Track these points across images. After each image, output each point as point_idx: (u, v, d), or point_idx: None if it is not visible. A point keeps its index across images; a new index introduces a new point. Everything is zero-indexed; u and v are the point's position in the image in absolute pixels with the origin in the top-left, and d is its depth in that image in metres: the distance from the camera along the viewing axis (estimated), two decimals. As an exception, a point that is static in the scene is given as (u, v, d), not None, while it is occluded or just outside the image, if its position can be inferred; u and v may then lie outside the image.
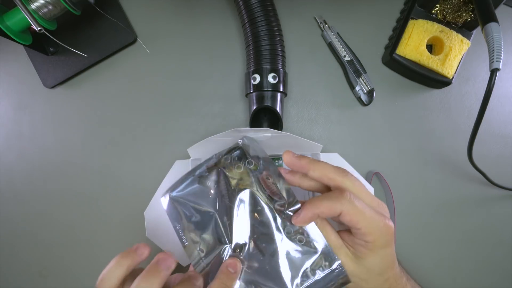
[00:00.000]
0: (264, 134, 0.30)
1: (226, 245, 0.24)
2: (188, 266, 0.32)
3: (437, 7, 0.39)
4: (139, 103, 0.40)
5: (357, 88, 0.39)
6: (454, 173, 0.39)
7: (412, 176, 0.39)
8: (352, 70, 0.39)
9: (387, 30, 0.41)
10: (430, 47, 0.40)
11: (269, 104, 0.35)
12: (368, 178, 0.38)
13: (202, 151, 0.33)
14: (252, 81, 0.35)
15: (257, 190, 0.24)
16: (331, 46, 0.40)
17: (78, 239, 0.38)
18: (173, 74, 0.40)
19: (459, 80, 0.40)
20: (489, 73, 0.30)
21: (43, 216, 0.39)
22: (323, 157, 0.34)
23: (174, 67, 0.40)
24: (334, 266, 0.23)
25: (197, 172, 0.26)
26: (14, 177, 0.39)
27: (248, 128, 0.30)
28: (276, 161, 0.34)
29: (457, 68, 0.38)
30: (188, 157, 0.34)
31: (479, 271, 0.38)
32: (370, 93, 0.39)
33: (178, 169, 0.34)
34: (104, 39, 0.39)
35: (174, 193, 0.26)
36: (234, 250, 0.24)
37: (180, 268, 0.37)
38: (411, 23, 0.39)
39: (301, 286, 0.23)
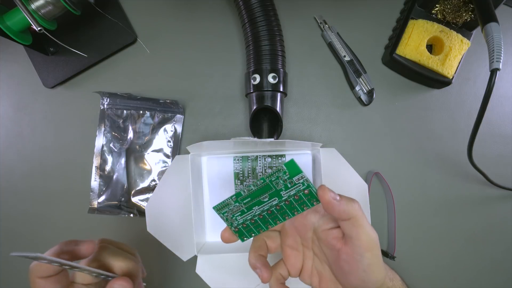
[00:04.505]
0: (264, 140, 0.30)
1: None
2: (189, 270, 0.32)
3: (437, 7, 0.39)
4: (139, 103, 0.40)
5: (357, 88, 0.39)
6: (454, 173, 0.39)
7: (412, 176, 0.39)
8: (352, 70, 0.39)
9: (387, 30, 0.41)
10: (430, 47, 0.40)
11: (269, 104, 0.35)
12: (368, 178, 0.38)
13: (201, 149, 0.33)
14: (252, 81, 0.35)
15: None
16: (331, 46, 0.40)
17: (78, 239, 0.38)
18: (173, 74, 0.40)
19: (459, 80, 0.40)
20: (489, 73, 0.30)
21: (43, 216, 0.39)
22: (322, 151, 0.33)
23: (174, 67, 0.40)
24: None
25: None
26: (14, 177, 0.39)
27: (247, 138, 0.30)
28: (280, 158, 0.35)
29: (457, 68, 0.38)
30: (188, 153, 0.34)
31: (479, 271, 0.38)
32: (370, 93, 0.39)
33: (178, 163, 0.34)
34: (104, 39, 0.39)
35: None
36: None
37: (177, 265, 0.37)
38: (411, 23, 0.39)
39: None
